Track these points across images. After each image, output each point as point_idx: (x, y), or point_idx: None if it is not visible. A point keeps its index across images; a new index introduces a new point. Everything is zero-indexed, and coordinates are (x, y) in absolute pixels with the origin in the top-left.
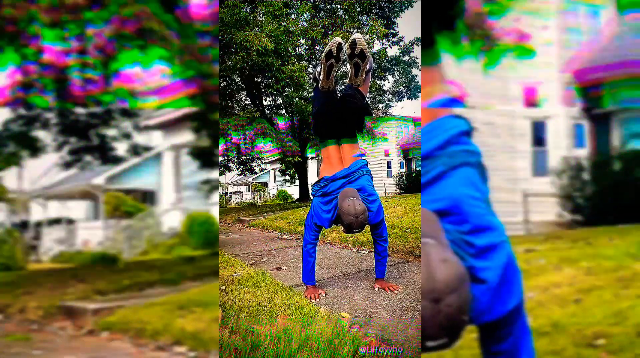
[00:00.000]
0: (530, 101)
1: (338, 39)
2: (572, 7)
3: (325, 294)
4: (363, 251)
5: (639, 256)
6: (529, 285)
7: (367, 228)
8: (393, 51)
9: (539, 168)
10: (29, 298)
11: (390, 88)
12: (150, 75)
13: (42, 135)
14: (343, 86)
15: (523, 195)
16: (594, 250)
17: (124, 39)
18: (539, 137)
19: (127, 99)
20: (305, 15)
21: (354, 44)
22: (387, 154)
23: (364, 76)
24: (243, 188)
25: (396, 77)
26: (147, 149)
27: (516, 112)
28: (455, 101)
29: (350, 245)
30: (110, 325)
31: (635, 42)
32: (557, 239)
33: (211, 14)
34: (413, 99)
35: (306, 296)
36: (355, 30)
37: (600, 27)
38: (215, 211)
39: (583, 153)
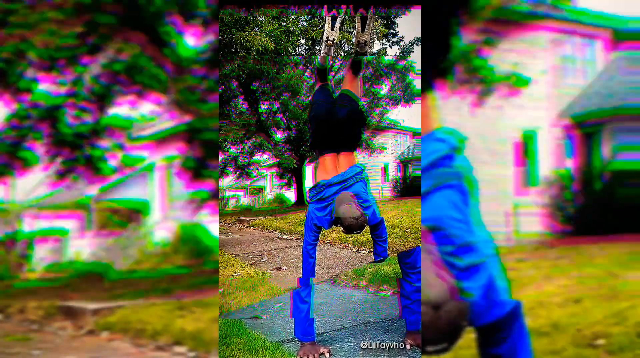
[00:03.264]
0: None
1: None
2: (566, 38)
3: (330, 354)
4: (363, 251)
5: (628, 266)
6: (519, 296)
7: (367, 228)
8: (393, 51)
9: (528, 179)
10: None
11: (386, 93)
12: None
13: (33, 148)
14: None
15: (512, 206)
16: (583, 260)
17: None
18: (528, 148)
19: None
20: (305, 15)
21: None
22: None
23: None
24: (240, 192)
25: (392, 82)
26: (140, 160)
27: (505, 122)
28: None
29: (350, 245)
30: (110, 325)
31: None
32: (547, 250)
33: (208, 41)
34: (409, 104)
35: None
36: (355, 31)
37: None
38: (214, 220)
39: (572, 165)
